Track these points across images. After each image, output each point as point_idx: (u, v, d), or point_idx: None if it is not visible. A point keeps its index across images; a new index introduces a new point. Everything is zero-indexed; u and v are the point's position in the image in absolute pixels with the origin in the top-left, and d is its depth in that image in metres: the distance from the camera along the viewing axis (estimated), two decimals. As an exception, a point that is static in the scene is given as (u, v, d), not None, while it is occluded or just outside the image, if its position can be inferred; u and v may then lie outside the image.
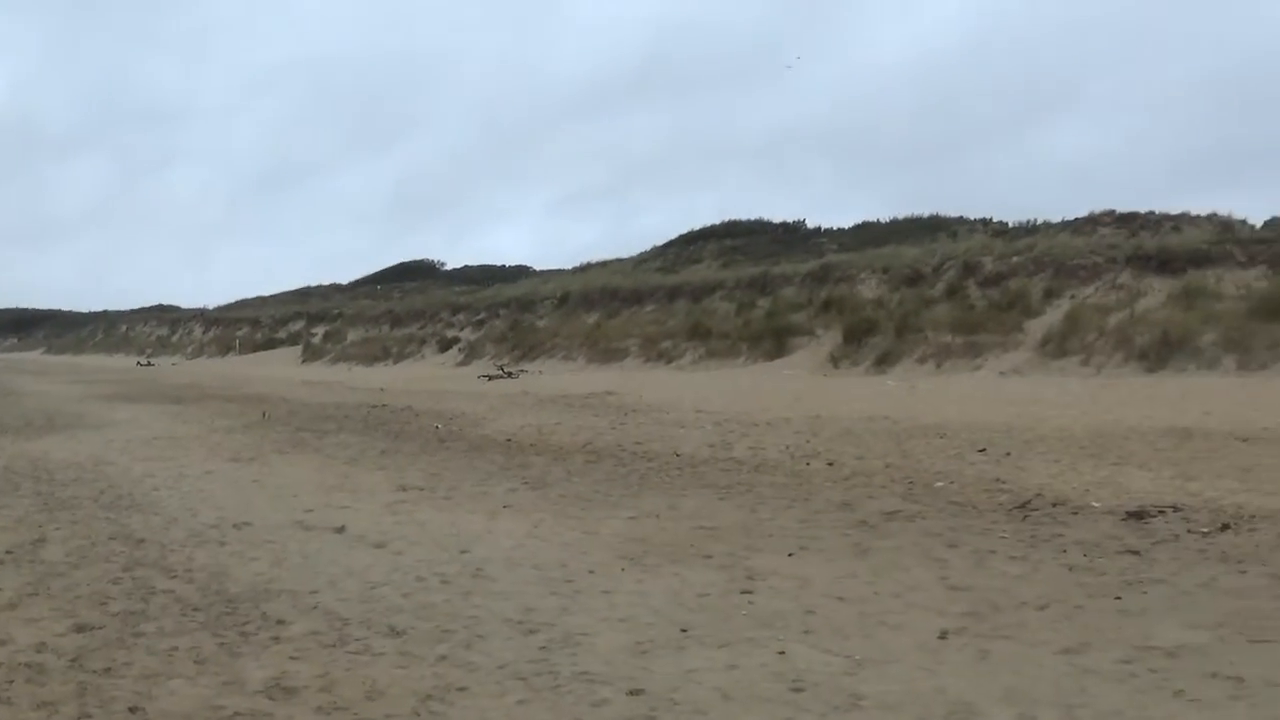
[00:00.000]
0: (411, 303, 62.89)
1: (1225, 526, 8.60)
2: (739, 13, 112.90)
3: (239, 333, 78.22)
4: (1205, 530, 8.53)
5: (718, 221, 58.98)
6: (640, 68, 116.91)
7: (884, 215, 49.71)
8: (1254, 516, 8.91)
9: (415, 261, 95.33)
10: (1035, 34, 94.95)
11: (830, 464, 12.87)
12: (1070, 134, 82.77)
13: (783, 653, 5.57)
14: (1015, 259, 32.20)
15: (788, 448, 14.37)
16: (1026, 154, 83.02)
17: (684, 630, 6.04)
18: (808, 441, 14.94)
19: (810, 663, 5.41)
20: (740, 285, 39.61)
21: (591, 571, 7.56)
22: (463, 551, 8.33)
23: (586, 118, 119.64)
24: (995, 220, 42.40)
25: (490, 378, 35.66)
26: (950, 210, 45.89)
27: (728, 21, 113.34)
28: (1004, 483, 11.12)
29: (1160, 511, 9.28)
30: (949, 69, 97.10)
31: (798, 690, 5.02)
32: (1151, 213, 35.88)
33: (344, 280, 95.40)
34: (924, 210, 49.62)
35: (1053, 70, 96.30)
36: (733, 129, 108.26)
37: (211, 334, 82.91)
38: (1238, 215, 32.49)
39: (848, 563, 7.76)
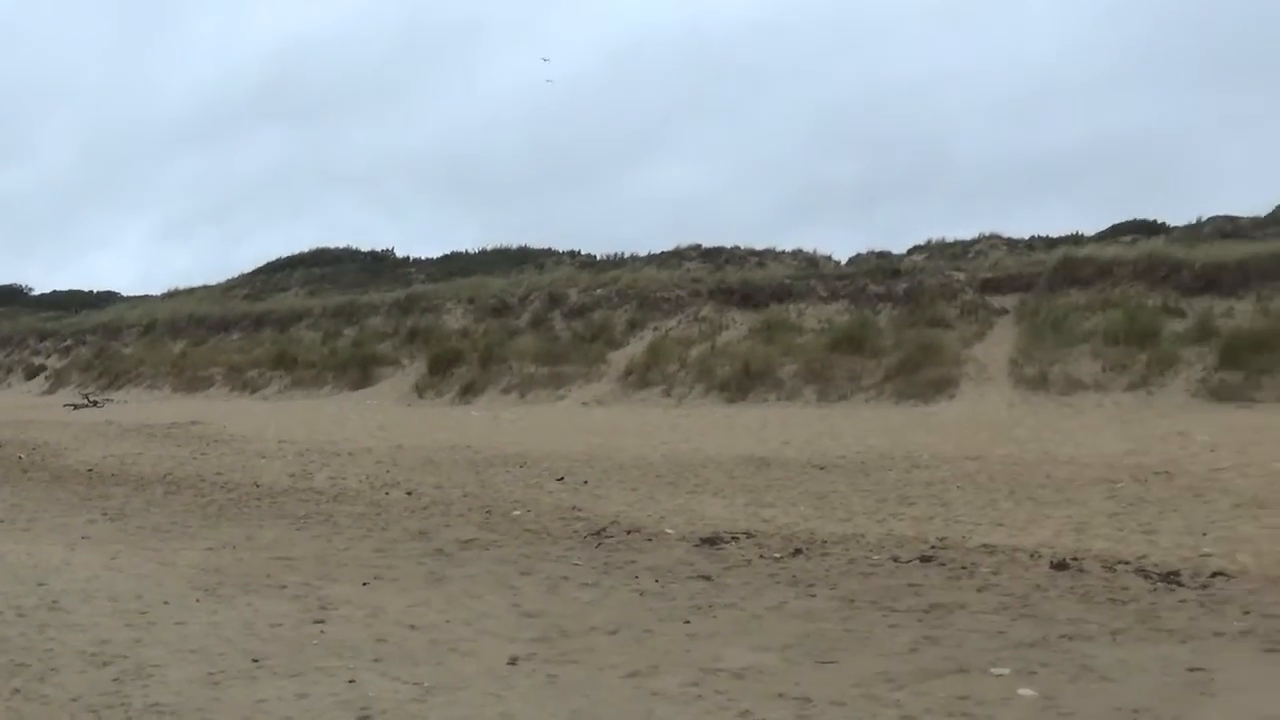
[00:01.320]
0: (-4, 329, 57.67)
1: (797, 551, 9.08)
2: (364, 37, 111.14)
3: None
4: (777, 555, 8.98)
5: (306, 249, 57.73)
6: (258, 90, 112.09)
7: (474, 246, 50.46)
8: (825, 541, 9.49)
9: (2, 287, 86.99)
10: (640, 74, 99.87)
11: (409, 493, 13.17)
12: (672, 172, 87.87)
13: (353, 681, 5.64)
14: (600, 291, 33.42)
15: (368, 477, 14.68)
16: (627, 192, 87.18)
17: (256, 660, 6.06)
18: (388, 471, 15.28)
19: (380, 691, 5.48)
20: (327, 314, 39.50)
21: (166, 603, 7.55)
22: (40, 584, 8.20)
23: (198, 140, 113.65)
24: (583, 253, 43.87)
25: (76, 406, 35.08)
26: (543, 243, 47.12)
27: (351, 45, 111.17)
28: (580, 511, 11.49)
29: (734, 538, 9.72)
30: (561, 104, 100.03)
31: (366, 718, 5.10)
32: (737, 248, 38.16)
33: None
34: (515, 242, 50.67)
35: (659, 109, 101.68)
36: (344, 154, 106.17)
37: None
38: (823, 252, 35.15)
39: (422, 591, 7.94)
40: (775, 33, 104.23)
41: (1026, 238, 34.15)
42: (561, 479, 13.83)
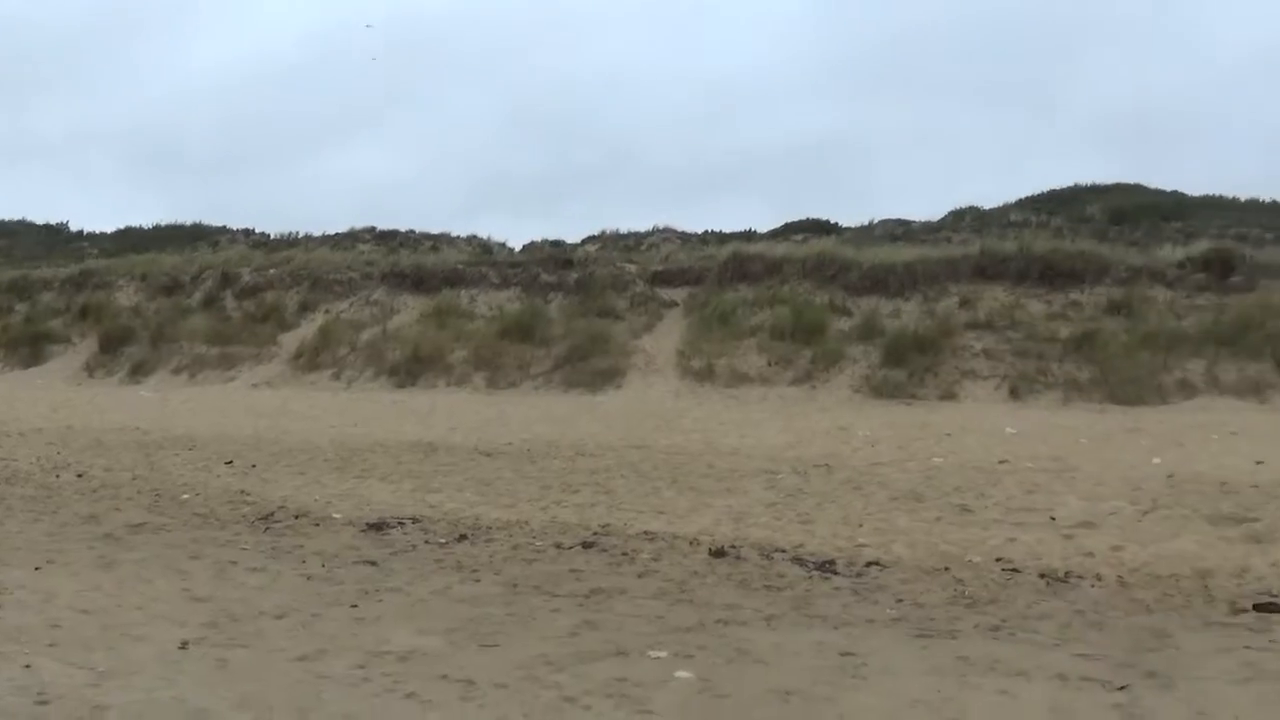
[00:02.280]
0: None
1: (462, 537, 9.35)
2: (64, 8, 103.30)
3: None
4: (443, 541, 9.21)
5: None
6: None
7: (149, 222, 48.04)
8: (490, 527, 9.78)
9: None
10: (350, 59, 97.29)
11: (80, 475, 12.94)
12: (362, 158, 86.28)
13: (29, 666, 5.60)
14: (272, 271, 32.61)
15: (39, 459, 14.32)
16: (316, 175, 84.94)
17: (-70, 647, 5.92)
18: (59, 453, 14.91)
19: (55, 676, 5.47)
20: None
21: None
22: None
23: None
24: (257, 232, 42.64)
25: None
26: (222, 221, 45.43)
27: (49, 16, 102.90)
28: (249, 495, 11.46)
29: (400, 523, 9.89)
30: (258, 84, 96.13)
31: (43, 703, 5.08)
32: (412, 231, 38.03)
33: None
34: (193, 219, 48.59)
35: (356, 94, 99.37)
36: (36, 127, 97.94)
37: None
38: (498, 238, 35.49)
39: (93, 575, 7.87)
40: (474, 23, 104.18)
41: (700, 232, 35.54)
42: (230, 462, 13.71)
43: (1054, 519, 9.99)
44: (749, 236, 33.58)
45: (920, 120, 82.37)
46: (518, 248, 34.62)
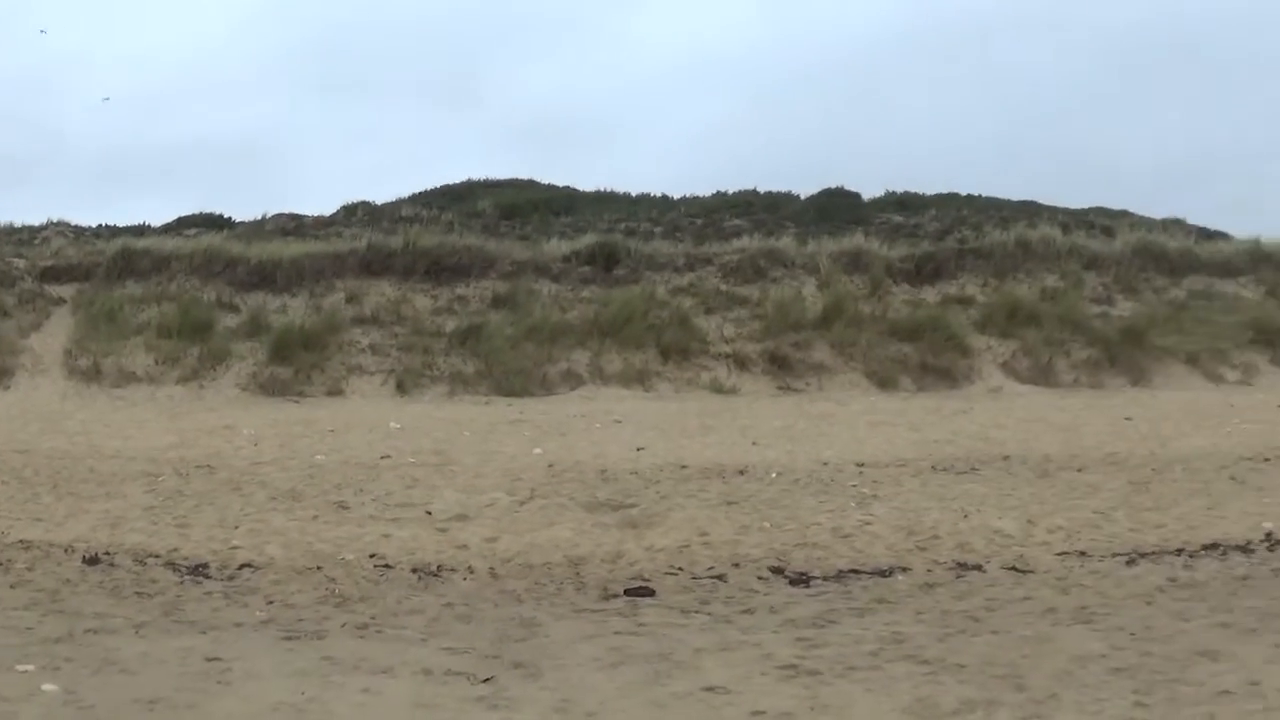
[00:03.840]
0: None
1: None
2: None
3: None
4: None
5: None
6: None
7: None
8: None
9: None
10: None
11: None
12: None
13: None
14: None
15: None
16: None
17: None
18: None
19: None
20: None
21: None
22: None
23: None
24: None
25: None
26: None
27: None
28: None
29: None
30: None
31: None
32: None
33: None
34: None
35: None
36: None
37: None
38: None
39: None
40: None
41: (94, 226, 33.36)
42: None
43: (430, 513, 10.51)
44: (140, 231, 31.81)
45: (336, 118, 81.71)
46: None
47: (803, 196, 33.12)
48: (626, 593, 8.10)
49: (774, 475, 12.52)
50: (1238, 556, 9.44)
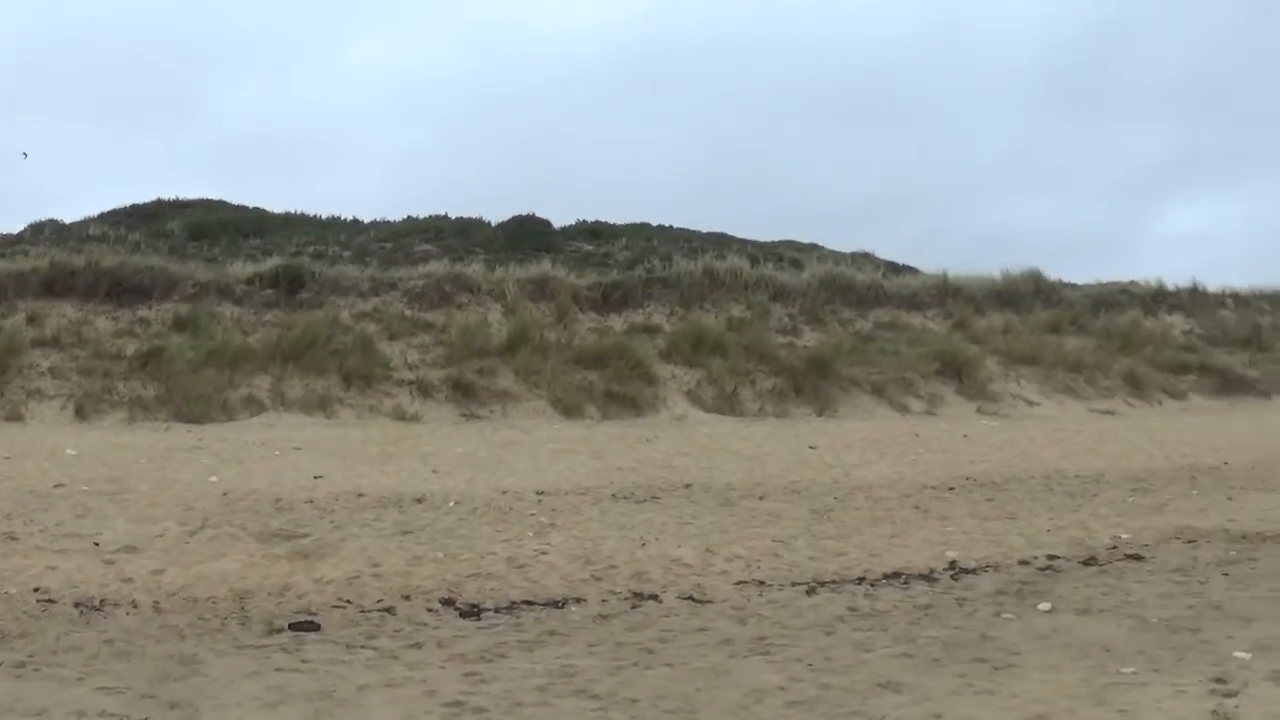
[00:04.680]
0: None
1: None
2: None
3: None
4: None
5: None
6: None
7: None
8: None
9: None
10: None
11: None
12: None
13: None
14: None
15: None
16: None
17: None
18: None
19: None
20: None
21: None
22: None
23: None
24: None
25: None
26: None
27: None
28: None
29: None
30: None
31: None
32: None
33: None
34: None
35: None
36: None
37: None
38: None
39: None
40: None
41: None
42: None
43: (98, 544, 10.28)
44: None
45: (30, 135, 76.86)
46: None
47: (494, 223, 33.67)
48: (291, 627, 7.99)
49: (452, 504, 12.74)
50: (920, 585, 9.65)
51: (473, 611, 8.73)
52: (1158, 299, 34.37)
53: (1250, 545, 11.52)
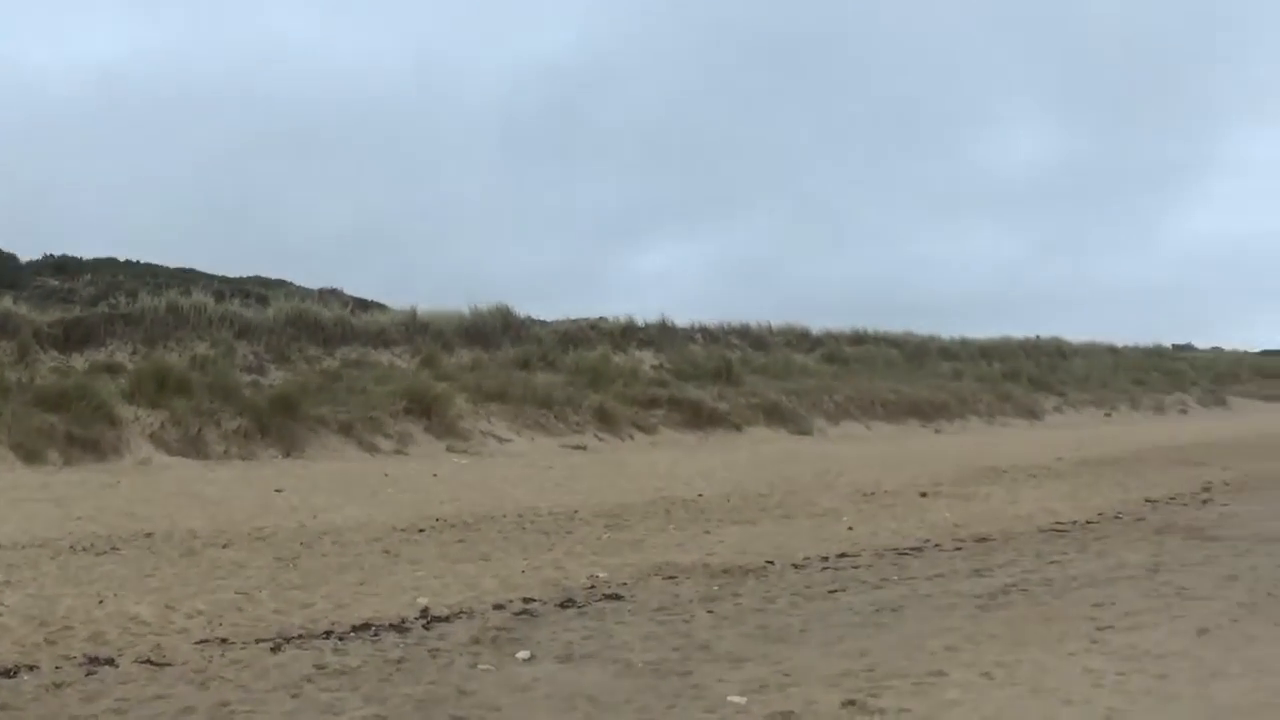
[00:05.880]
0: None
1: None
2: None
3: None
4: None
5: None
6: None
7: None
8: None
9: None
10: None
11: None
12: None
13: None
14: None
15: None
16: None
17: None
18: None
19: None
20: None
21: None
22: None
23: None
24: None
25: None
26: None
27: None
28: None
29: None
30: None
31: None
32: None
33: None
34: None
35: None
36: None
37: None
38: None
39: None
40: None
41: None
42: None
43: None
44: None
45: None
46: None
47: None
48: None
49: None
50: (391, 636, 9.15)
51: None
52: (627, 334, 36.48)
53: (732, 580, 11.72)
